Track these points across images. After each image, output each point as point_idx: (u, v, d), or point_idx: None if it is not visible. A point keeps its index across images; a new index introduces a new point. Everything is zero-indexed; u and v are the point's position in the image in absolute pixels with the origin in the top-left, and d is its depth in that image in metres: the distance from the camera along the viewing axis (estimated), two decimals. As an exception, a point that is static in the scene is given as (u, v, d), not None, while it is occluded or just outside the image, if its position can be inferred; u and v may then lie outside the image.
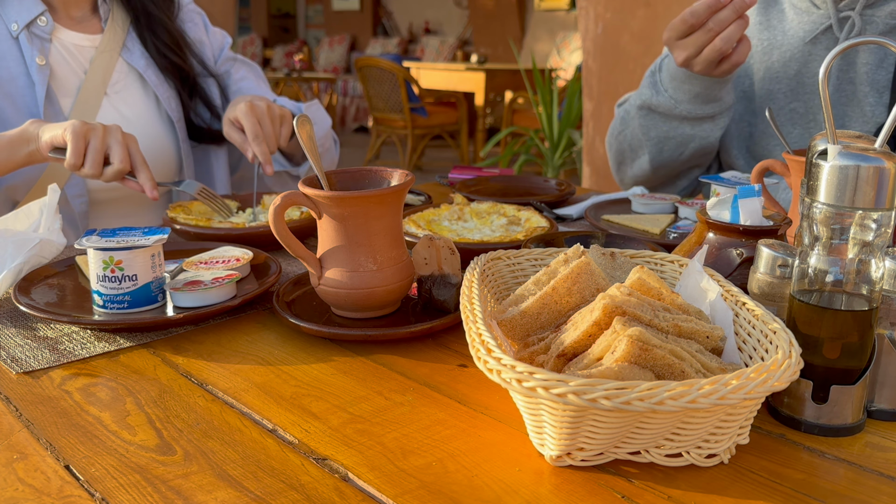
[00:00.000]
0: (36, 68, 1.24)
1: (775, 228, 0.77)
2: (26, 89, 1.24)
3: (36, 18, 1.26)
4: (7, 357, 0.74)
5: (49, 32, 1.27)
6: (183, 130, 1.42)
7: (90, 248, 0.79)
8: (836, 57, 0.58)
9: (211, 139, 1.46)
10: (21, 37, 1.25)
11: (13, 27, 1.24)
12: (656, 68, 1.34)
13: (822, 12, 1.25)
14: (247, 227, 1.07)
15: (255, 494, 0.53)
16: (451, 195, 1.25)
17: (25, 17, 1.25)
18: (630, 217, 1.21)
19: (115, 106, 1.33)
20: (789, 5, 1.32)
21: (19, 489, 0.53)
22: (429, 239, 0.83)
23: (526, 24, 8.27)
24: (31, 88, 1.24)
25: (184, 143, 1.41)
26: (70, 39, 1.31)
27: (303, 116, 0.81)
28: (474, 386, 0.69)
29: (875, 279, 0.59)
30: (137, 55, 1.36)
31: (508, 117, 5.99)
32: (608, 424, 0.52)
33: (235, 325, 0.83)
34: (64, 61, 1.29)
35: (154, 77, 1.37)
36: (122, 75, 1.35)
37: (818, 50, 1.26)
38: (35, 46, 1.25)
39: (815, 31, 1.25)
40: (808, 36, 1.26)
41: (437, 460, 0.57)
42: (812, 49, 1.26)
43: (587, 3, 3.22)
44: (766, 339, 0.59)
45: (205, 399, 0.67)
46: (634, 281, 0.64)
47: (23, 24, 1.24)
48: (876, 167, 0.56)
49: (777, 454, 0.58)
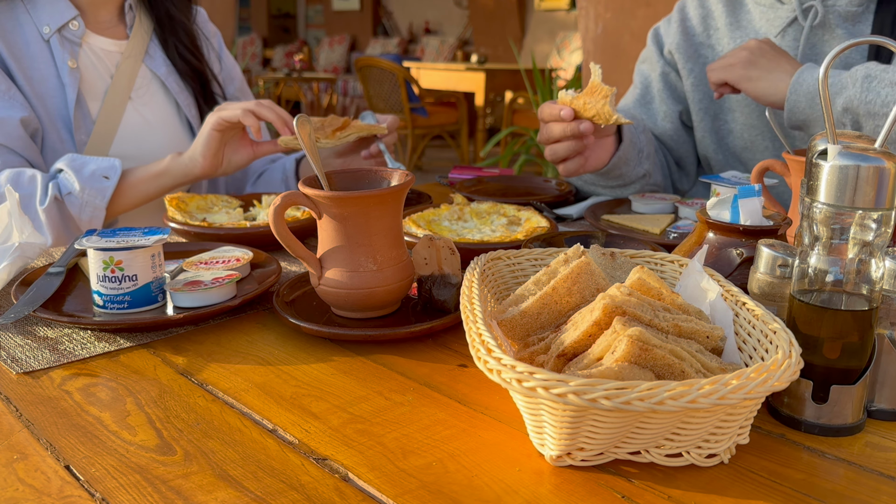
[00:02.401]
0: (67, 71, 1.26)
1: (775, 228, 0.77)
2: (57, 91, 1.26)
3: (68, 23, 1.28)
4: (7, 357, 0.74)
5: (80, 37, 1.29)
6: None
7: (90, 248, 0.79)
8: (835, 57, 0.58)
9: None
10: (53, 40, 1.26)
11: (45, 30, 1.26)
12: None
13: (787, 6, 1.27)
14: (247, 227, 1.07)
15: (255, 494, 0.53)
16: (451, 195, 1.25)
17: (58, 20, 1.27)
18: (630, 217, 1.21)
19: (139, 110, 1.36)
20: (753, 4, 1.33)
21: (19, 489, 0.53)
22: (429, 239, 0.83)
23: (526, 24, 8.26)
24: (61, 90, 1.26)
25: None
26: (98, 44, 1.33)
27: (302, 116, 0.81)
28: (474, 386, 0.69)
29: (875, 279, 0.59)
30: (159, 62, 1.39)
31: (508, 117, 5.99)
32: (608, 424, 0.52)
33: (235, 325, 0.83)
34: (92, 65, 1.32)
35: (175, 84, 1.40)
36: (145, 81, 1.37)
37: (787, 42, 1.28)
38: (66, 50, 1.27)
39: (782, 24, 1.27)
40: (776, 31, 1.28)
41: (437, 460, 0.57)
42: (781, 42, 1.28)
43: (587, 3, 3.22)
44: (766, 339, 0.59)
45: (205, 399, 0.67)
46: (634, 281, 0.64)
47: (55, 27, 1.26)
48: (876, 167, 0.56)
49: (777, 454, 0.58)
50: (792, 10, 1.26)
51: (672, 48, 1.42)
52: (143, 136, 1.35)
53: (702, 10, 1.41)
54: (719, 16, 1.38)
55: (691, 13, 1.42)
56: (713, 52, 1.39)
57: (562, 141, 1.15)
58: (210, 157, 1.20)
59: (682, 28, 1.42)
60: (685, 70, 1.41)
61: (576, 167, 1.19)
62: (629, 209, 1.29)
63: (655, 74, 1.45)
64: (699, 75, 1.40)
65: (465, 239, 1.02)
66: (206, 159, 1.20)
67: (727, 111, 1.39)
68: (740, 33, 1.34)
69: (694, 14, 1.42)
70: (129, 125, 1.34)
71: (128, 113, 1.34)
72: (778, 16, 1.28)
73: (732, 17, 1.36)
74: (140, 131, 1.35)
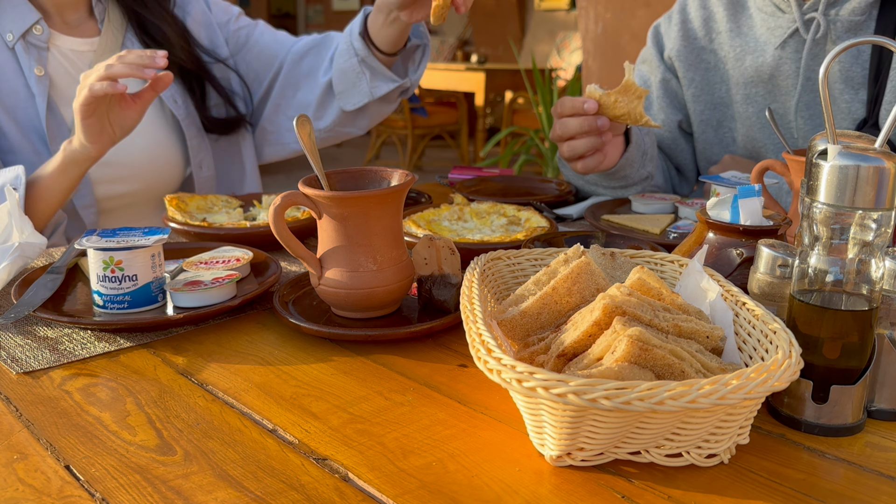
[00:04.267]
0: (35, 80, 1.20)
1: (775, 228, 0.77)
2: (27, 101, 1.21)
3: (31, 27, 1.21)
4: (7, 357, 0.74)
5: (45, 41, 1.23)
6: (192, 127, 1.36)
7: (90, 248, 0.79)
8: (835, 57, 0.58)
9: (234, 128, 1.41)
10: (17, 47, 1.20)
11: (8, 37, 1.20)
12: None
13: (789, 16, 1.26)
14: (247, 227, 1.07)
15: (255, 494, 0.53)
16: (451, 195, 1.25)
17: (20, 26, 1.20)
18: (630, 217, 1.21)
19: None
20: (756, 10, 1.32)
21: (19, 489, 0.53)
22: (429, 239, 0.83)
23: (526, 24, 8.26)
24: (31, 100, 1.21)
25: (193, 141, 1.36)
26: (68, 45, 1.26)
27: (303, 116, 0.81)
28: (474, 386, 0.69)
29: (875, 279, 0.59)
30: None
31: (508, 117, 5.99)
32: (608, 424, 0.52)
33: (235, 325, 0.83)
34: (64, 70, 1.25)
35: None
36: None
37: (787, 53, 1.26)
38: (32, 57, 1.21)
39: (783, 34, 1.26)
40: (777, 40, 1.27)
41: (437, 460, 0.57)
42: (782, 53, 1.27)
43: (587, 3, 3.22)
44: (766, 339, 0.59)
45: (205, 399, 0.67)
46: (634, 281, 0.64)
47: (18, 33, 1.20)
48: (876, 167, 0.56)
49: (777, 454, 0.58)
50: (793, 19, 1.25)
51: (672, 54, 1.41)
52: (124, 140, 1.28)
53: (703, 12, 1.39)
54: (721, 19, 1.36)
55: (692, 14, 1.40)
56: (715, 56, 1.37)
57: (578, 137, 1.14)
58: (96, 138, 1.08)
59: (682, 30, 1.40)
60: (685, 79, 1.40)
61: (595, 164, 1.18)
62: (629, 209, 1.29)
63: (655, 80, 1.44)
64: (700, 85, 1.39)
65: (465, 239, 1.02)
66: (94, 142, 1.08)
67: (730, 119, 1.38)
68: (741, 41, 1.33)
69: (695, 16, 1.40)
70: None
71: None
72: (779, 25, 1.27)
73: (734, 23, 1.35)
74: None
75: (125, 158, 1.28)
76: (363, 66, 1.30)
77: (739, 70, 1.33)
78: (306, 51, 1.43)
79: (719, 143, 1.40)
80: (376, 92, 1.33)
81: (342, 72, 1.33)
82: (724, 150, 1.40)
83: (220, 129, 1.40)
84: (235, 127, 1.42)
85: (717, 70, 1.37)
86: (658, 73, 1.43)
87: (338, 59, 1.34)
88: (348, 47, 1.30)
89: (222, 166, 1.46)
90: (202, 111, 1.38)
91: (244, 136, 1.46)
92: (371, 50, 1.29)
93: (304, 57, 1.43)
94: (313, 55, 1.43)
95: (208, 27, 1.42)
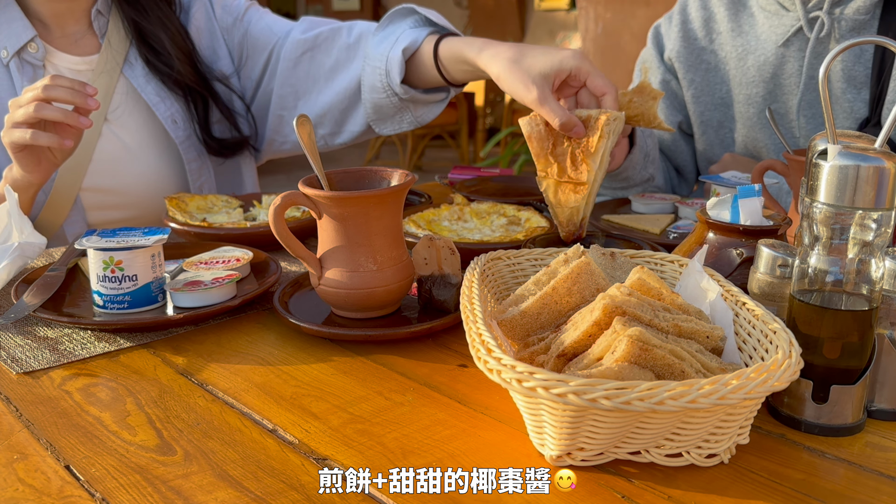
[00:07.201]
0: None
1: (775, 228, 0.77)
2: None
3: (26, 45, 1.16)
4: (7, 357, 0.74)
5: (41, 59, 1.18)
6: (192, 151, 1.30)
7: (90, 248, 0.79)
8: (835, 57, 0.58)
9: (237, 150, 1.35)
10: (11, 64, 1.16)
11: (3, 54, 1.15)
12: None
13: (792, 14, 1.26)
14: (247, 227, 1.07)
15: (255, 494, 0.53)
16: (451, 195, 1.25)
17: (15, 42, 1.15)
18: (630, 217, 1.21)
19: (115, 133, 1.23)
20: (758, 9, 1.32)
21: (19, 489, 0.53)
22: (429, 239, 0.83)
23: (526, 24, 8.27)
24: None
25: (192, 164, 1.30)
26: (65, 64, 1.21)
27: (302, 116, 0.81)
28: (474, 386, 0.69)
29: (875, 279, 0.59)
30: (139, 70, 1.25)
31: (508, 117, 5.99)
32: (608, 424, 0.52)
33: (235, 325, 0.83)
34: None
35: (154, 95, 1.25)
36: (122, 97, 1.24)
37: (791, 52, 1.26)
38: (26, 76, 1.16)
39: (786, 33, 1.26)
40: (780, 39, 1.27)
41: (437, 460, 0.57)
42: (785, 52, 1.26)
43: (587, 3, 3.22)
44: (766, 339, 0.59)
45: (205, 399, 0.67)
46: (634, 281, 0.64)
47: (13, 50, 1.15)
48: (876, 167, 0.56)
49: (777, 454, 0.58)
50: (796, 18, 1.25)
51: (672, 55, 1.41)
52: (119, 165, 1.22)
53: (704, 13, 1.39)
54: (721, 19, 1.36)
55: (693, 14, 1.40)
56: (716, 56, 1.37)
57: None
58: (34, 168, 1.03)
59: (683, 31, 1.40)
60: (685, 81, 1.40)
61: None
62: (629, 209, 1.29)
63: (655, 81, 1.44)
64: (700, 86, 1.38)
65: (465, 239, 1.02)
66: (32, 172, 1.03)
67: (731, 119, 1.38)
68: (742, 41, 1.33)
69: (696, 16, 1.39)
70: (104, 153, 1.21)
71: (104, 137, 1.21)
72: (782, 23, 1.27)
73: (735, 23, 1.35)
74: (116, 159, 1.23)
75: (119, 186, 1.24)
76: (406, 103, 1.21)
77: (741, 70, 1.32)
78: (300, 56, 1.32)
79: (720, 143, 1.40)
80: (423, 119, 1.24)
81: (378, 107, 1.22)
82: (725, 151, 1.40)
83: (223, 152, 1.34)
84: (239, 149, 1.37)
85: (718, 70, 1.37)
86: (658, 74, 1.43)
87: (370, 95, 1.21)
88: (384, 88, 1.17)
89: (219, 188, 1.40)
90: (205, 131, 1.31)
91: (245, 156, 1.41)
92: (413, 89, 1.18)
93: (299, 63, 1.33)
94: (307, 61, 1.32)
95: (211, 34, 1.35)
